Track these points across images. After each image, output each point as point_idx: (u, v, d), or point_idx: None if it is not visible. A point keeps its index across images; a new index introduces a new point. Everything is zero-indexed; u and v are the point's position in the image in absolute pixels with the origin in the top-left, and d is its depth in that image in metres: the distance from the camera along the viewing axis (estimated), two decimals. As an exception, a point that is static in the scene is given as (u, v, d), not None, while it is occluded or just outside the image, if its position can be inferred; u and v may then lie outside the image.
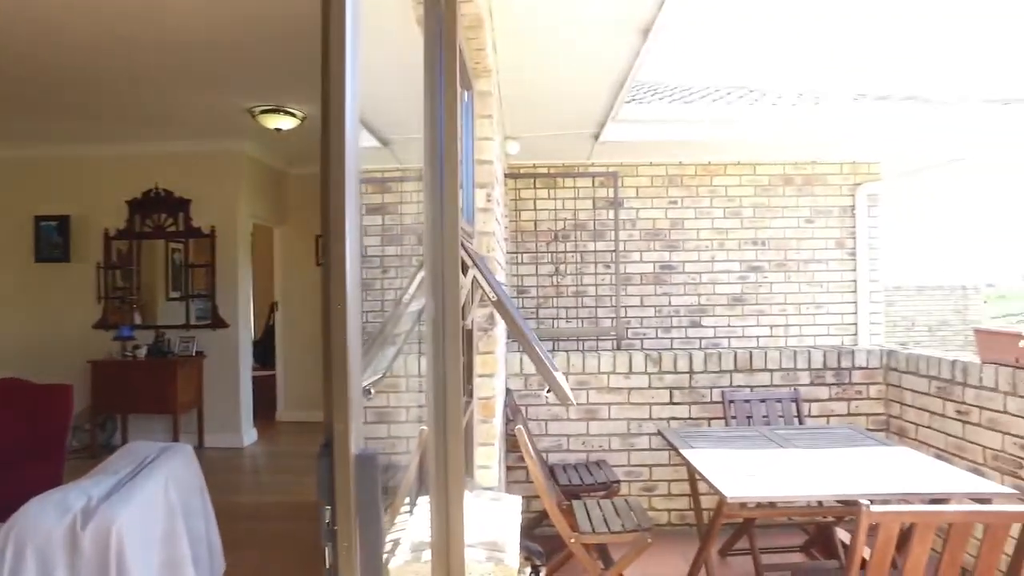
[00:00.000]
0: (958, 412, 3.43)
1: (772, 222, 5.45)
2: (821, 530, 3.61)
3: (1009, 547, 2.03)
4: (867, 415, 4.17)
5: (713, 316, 5.41)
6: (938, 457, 3.53)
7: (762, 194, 5.47)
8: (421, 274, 1.89)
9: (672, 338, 5.39)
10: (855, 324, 5.50)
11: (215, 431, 6.31)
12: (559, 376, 2.34)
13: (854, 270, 5.45)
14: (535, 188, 5.39)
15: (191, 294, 6.45)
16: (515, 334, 2.16)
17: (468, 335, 2.49)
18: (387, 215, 3.30)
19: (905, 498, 2.48)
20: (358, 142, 0.88)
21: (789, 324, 5.47)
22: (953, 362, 3.46)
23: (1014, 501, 2.06)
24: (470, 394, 2.54)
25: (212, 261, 6.40)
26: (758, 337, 5.45)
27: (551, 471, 4.00)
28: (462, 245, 1.93)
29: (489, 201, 2.58)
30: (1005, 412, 3.11)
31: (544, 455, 4.23)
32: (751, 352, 4.19)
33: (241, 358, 6.45)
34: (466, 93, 2.51)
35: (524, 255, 5.39)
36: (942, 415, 3.56)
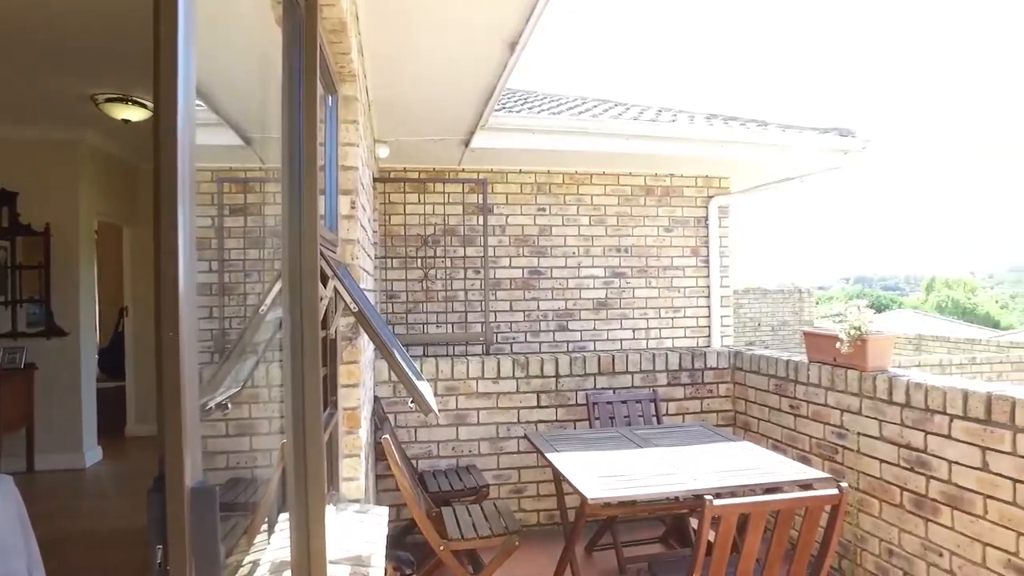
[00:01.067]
0: (791, 406, 3.80)
1: (634, 230, 5.75)
2: (677, 521, 3.87)
3: (825, 521, 2.29)
4: (717, 412, 4.52)
5: (579, 320, 5.62)
6: (775, 447, 3.89)
7: (625, 203, 5.76)
8: (280, 284, 1.82)
9: (540, 342, 5.54)
10: (708, 327, 5.93)
11: (50, 452, 5.68)
12: (423, 386, 2.34)
13: (707, 276, 5.88)
14: (405, 192, 5.35)
15: (19, 299, 5.78)
16: (377, 346, 2.13)
17: (331, 345, 2.42)
18: (250, 216, 3.15)
19: (747, 489, 2.72)
20: (193, 139, 0.83)
21: (650, 327, 5.80)
22: (787, 361, 3.83)
23: (829, 485, 2.32)
24: (334, 405, 2.47)
25: (46, 262, 5.77)
26: (621, 340, 5.73)
27: (421, 478, 3.98)
28: (322, 255, 1.89)
29: (353, 208, 2.53)
30: (826, 405, 3.49)
31: (414, 462, 4.21)
32: (613, 356, 4.40)
33: (83, 369, 5.86)
34: (330, 97, 2.45)
35: (394, 260, 5.32)
36: (778, 409, 3.92)
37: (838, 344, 3.26)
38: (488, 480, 4.14)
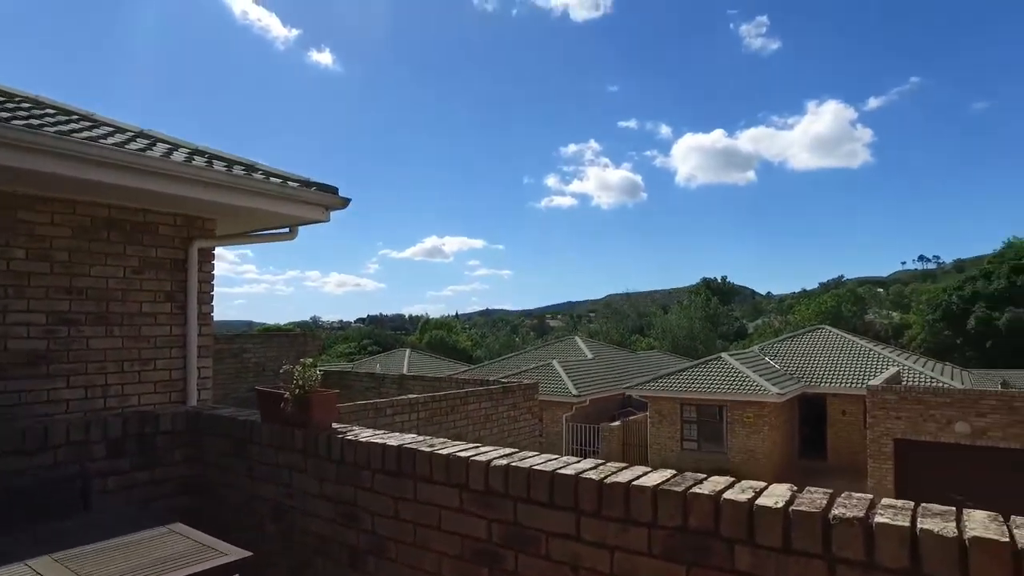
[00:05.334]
0: (248, 469, 3.63)
1: (92, 269, 4.89)
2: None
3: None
4: (174, 479, 4.03)
5: (5, 380, 4.44)
6: (233, 512, 3.66)
7: (82, 237, 4.86)
8: None
9: (-61, 410, 4.17)
10: (184, 380, 5.40)
11: None
12: None
13: (184, 324, 5.37)
14: None
15: None
16: None
17: None
18: None
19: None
20: None
21: (109, 384, 4.96)
22: (244, 422, 3.65)
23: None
24: None
25: None
26: (69, 401, 4.75)
27: None
28: None
29: None
30: (277, 465, 3.43)
31: None
32: (24, 430, 3.52)
33: None
34: None
35: None
36: (237, 472, 3.71)
37: (282, 404, 3.24)
38: None
